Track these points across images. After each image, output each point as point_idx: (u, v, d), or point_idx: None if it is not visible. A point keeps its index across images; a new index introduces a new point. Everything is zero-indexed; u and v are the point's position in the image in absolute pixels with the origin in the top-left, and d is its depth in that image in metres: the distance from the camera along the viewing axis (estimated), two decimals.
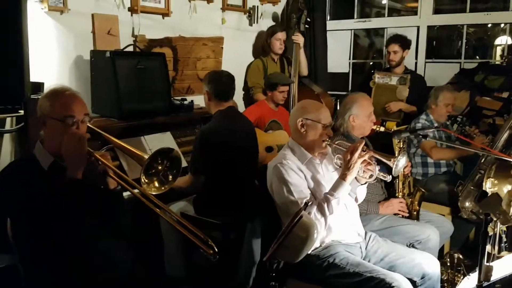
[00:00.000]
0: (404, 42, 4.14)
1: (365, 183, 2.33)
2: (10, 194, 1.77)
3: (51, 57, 3.10)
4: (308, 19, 4.54)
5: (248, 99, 4.45)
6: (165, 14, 3.75)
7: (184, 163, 3.11)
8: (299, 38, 4.28)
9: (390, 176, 2.22)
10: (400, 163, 2.19)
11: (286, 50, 4.44)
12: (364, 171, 2.22)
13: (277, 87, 3.79)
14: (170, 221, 1.84)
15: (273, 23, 4.82)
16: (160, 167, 1.91)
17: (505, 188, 2.82)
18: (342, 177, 2.16)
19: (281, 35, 4.31)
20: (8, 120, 2.79)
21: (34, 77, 2.49)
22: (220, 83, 2.92)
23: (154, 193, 1.87)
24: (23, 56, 2.26)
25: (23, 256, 1.86)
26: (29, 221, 1.73)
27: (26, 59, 2.29)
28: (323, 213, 2.13)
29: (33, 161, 1.87)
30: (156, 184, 1.90)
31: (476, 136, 3.50)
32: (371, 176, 2.23)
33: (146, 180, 1.86)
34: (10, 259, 2.15)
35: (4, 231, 1.89)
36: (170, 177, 1.92)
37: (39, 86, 2.67)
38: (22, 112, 2.48)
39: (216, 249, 1.72)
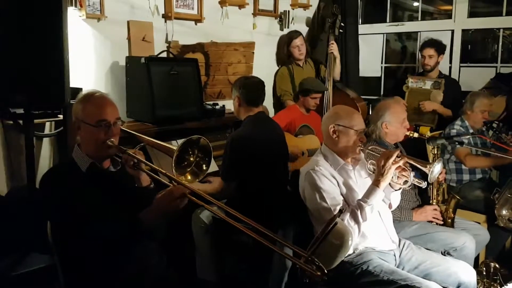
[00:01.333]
0: (439, 47, 4.06)
1: (399, 189, 2.30)
2: (51, 197, 1.83)
3: (89, 63, 3.20)
4: (342, 24, 4.51)
5: (278, 106, 4.43)
6: (198, 20, 3.82)
7: (215, 167, 3.14)
8: (334, 48, 4.25)
9: (425, 182, 2.18)
10: (436, 170, 2.15)
11: (309, 52, 4.40)
12: (398, 177, 2.19)
13: (310, 94, 3.74)
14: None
15: (305, 28, 4.81)
16: (192, 158, 1.90)
17: None
18: (376, 184, 2.13)
19: (298, 41, 4.26)
20: (47, 124, 2.87)
21: (72, 82, 2.56)
22: (251, 89, 2.90)
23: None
24: (63, 63, 2.32)
25: (62, 257, 1.91)
26: (68, 223, 1.78)
27: (66, 65, 2.34)
28: (356, 220, 2.10)
29: (72, 164, 1.92)
30: (189, 177, 1.88)
31: None
32: (405, 182, 2.19)
33: (177, 173, 1.84)
34: (49, 260, 2.22)
35: (44, 232, 1.95)
36: (204, 166, 1.90)
37: (77, 91, 2.74)
38: (61, 116, 2.55)
39: (325, 271, 1.48)
